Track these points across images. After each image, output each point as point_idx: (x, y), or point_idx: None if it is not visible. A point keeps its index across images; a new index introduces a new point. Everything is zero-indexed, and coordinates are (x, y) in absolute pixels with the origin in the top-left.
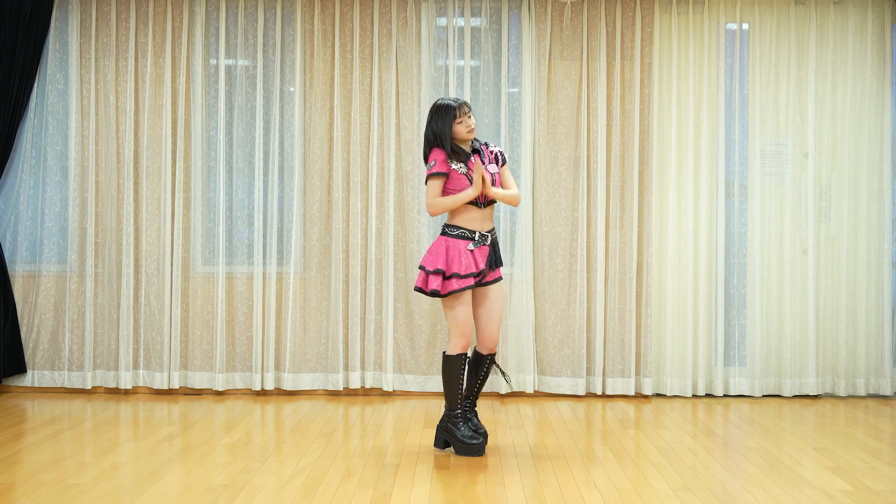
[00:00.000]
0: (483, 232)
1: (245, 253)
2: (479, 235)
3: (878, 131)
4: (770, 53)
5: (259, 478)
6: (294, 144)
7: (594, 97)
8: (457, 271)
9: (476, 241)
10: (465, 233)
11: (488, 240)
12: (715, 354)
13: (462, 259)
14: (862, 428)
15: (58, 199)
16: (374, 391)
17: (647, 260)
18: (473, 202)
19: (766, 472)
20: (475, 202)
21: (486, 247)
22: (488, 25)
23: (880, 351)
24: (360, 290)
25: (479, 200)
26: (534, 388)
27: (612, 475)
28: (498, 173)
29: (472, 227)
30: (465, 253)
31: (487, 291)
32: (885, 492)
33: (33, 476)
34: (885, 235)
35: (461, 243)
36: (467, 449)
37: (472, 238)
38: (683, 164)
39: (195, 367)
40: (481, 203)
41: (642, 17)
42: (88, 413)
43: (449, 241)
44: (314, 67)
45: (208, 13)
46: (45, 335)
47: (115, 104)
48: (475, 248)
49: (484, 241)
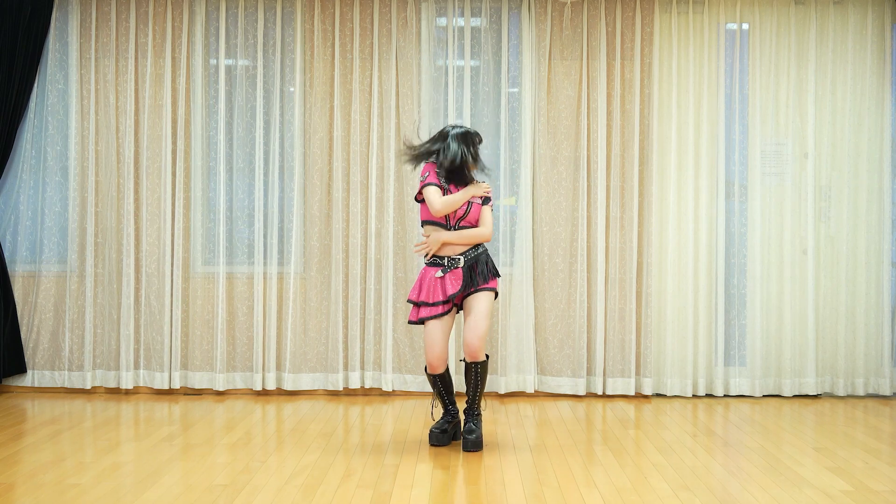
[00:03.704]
0: (453, 256)
1: (245, 253)
2: (449, 260)
3: (878, 131)
4: (770, 53)
5: (259, 478)
6: (294, 144)
7: (594, 97)
8: (424, 300)
9: (445, 267)
10: (436, 259)
11: (460, 262)
12: (715, 354)
13: (430, 287)
14: (861, 428)
15: (58, 199)
16: (373, 391)
17: (647, 260)
18: (443, 223)
19: (766, 472)
20: (445, 223)
21: (458, 269)
22: (488, 25)
23: (880, 351)
24: (359, 290)
25: (451, 223)
26: (534, 388)
27: (612, 475)
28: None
29: (441, 253)
30: (433, 281)
31: (472, 300)
32: (885, 492)
33: (33, 476)
34: (885, 235)
35: (431, 271)
36: (429, 435)
37: (442, 265)
38: (683, 164)
39: (195, 367)
40: (451, 226)
41: (642, 17)
42: (88, 413)
43: (425, 269)
44: (314, 67)
45: (208, 13)
46: (45, 335)
47: (115, 104)
48: (444, 275)
49: (455, 265)
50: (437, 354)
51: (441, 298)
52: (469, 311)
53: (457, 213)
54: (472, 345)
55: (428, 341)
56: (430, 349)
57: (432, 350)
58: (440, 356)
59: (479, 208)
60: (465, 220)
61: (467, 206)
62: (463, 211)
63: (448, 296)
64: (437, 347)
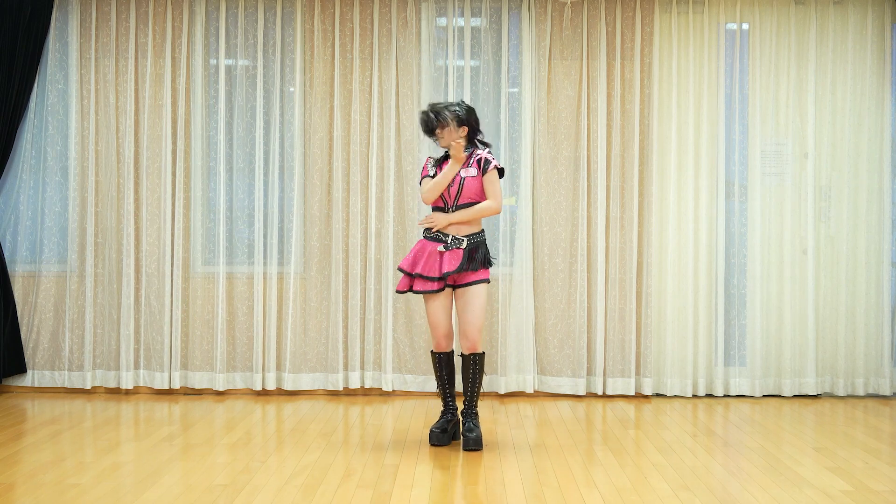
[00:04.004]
0: (457, 236)
1: (245, 253)
2: (452, 239)
3: (878, 131)
4: (770, 53)
5: (259, 478)
6: (294, 144)
7: (594, 97)
8: (421, 272)
9: (448, 245)
10: (439, 235)
11: (463, 244)
12: (715, 354)
13: (428, 261)
14: (861, 428)
15: (58, 199)
16: (373, 391)
17: (647, 260)
18: (441, 208)
19: (766, 472)
20: (443, 207)
21: (459, 250)
22: (488, 25)
23: (879, 351)
24: (359, 290)
25: (449, 205)
26: (534, 388)
27: (612, 475)
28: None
29: (444, 231)
30: (434, 255)
31: (465, 293)
32: (885, 492)
33: (33, 476)
34: (885, 235)
35: (431, 245)
36: (429, 434)
37: (445, 241)
38: (683, 164)
39: (195, 367)
40: (449, 208)
41: (642, 17)
42: (88, 413)
43: (424, 242)
44: (314, 67)
45: (208, 13)
46: (45, 335)
47: (115, 104)
48: (446, 251)
49: (457, 245)
50: (443, 333)
51: (437, 275)
52: (465, 303)
53: (451, 194)
54: (470, 336)
55: (432, 321)
56: (436, 328)
57: (437, 329)
58: (446, 333)
59: (476, 182)
60: (461, 198)
61: (459, 185)
62: (455, 189)
63: (443, 273)
64: (442, 326)
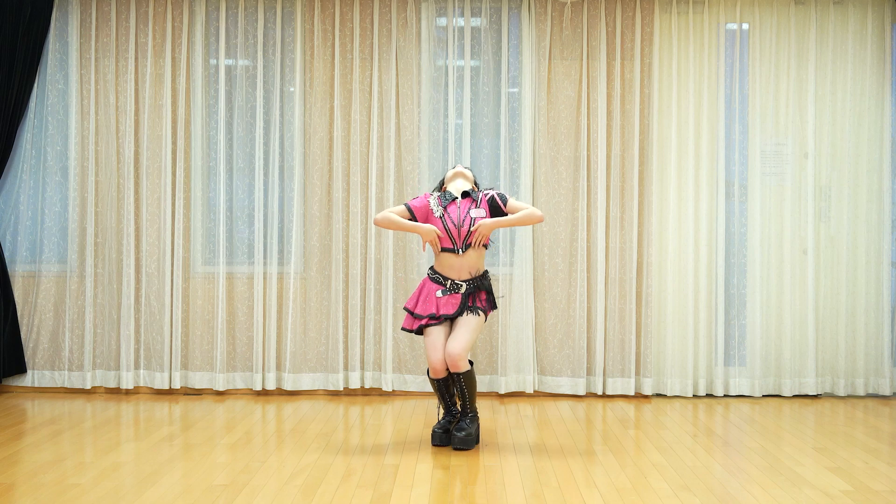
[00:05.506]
0: (457, 280)
1: (245, 253)
2: (451, 284)
3: (878, 131)
4: (770, 53)
5: (259, 478)
6: (294, 144)
7: (594, 97)
8: (419, 312)
9: (446, 289)
10: (439, 278)
11: (461, 289)
12: (715, 354)
13: (427, 301)
14: (861, 428)
15: (58, 199)
16: (373, 391)
17: (647, 260)
18: (450, 249)
19: (766, 472)
20: (452, 248)
21: (457, 295)
22: (488, 25)
23: (880, 351)
24: (359, 291)
25: (458, 245)
26: (534, 388)
27: (612, 475)
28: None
29: (446, 275)
30: (432, 297)
31: (458, 319)
32: (884, 492)
33: (33, 476)
34: (885, 235)
35: (434, 287)
36: (431, 434)
37: (444, 285)
38: (683, 164)
39: (196, 367)
40: (458, 248)
41: (642, 17)
42: (88, 413)
43: (427, 282)
44: (314, 67)
45: (208, 13)
46: (45, 335)
47: (115, 104)
48: (443, 296)
49: (456, 290)
50: (440, 358)
51: (434, 312)
52: (456, 327)
53: (460, 235)
54: (451, 354)
55: (429, 347)
56: (433, 354)
57: (435, 355)
58: (442, 360)
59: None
60: (469, 238)
61: (470, 225)
62: (465, 230)
63: (440, 315)
64: (440, 352)
